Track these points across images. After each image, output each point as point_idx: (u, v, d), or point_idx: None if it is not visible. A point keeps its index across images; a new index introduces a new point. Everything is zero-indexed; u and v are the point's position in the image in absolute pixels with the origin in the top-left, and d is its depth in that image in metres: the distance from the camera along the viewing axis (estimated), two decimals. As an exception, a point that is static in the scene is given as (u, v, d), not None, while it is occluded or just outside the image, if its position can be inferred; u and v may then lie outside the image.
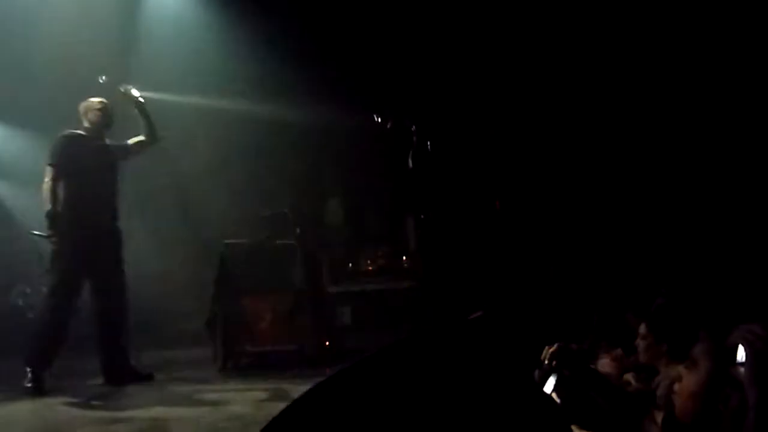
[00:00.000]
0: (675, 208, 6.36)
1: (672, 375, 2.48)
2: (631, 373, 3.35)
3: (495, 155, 7.06)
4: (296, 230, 6.11)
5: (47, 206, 5.07)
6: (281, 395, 4.57)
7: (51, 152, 5.21)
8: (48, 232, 5.09)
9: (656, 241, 6.30)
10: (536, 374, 2.43)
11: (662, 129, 6.47)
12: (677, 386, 1.96)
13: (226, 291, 5.85)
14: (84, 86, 5.50)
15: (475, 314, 1.54)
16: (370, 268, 7.41)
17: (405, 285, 7.13)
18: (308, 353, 5.70)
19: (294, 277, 5.83)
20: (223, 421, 3.97)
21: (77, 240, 5.12)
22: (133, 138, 5.54)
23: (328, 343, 5.98)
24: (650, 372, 3.13)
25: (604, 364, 3.71)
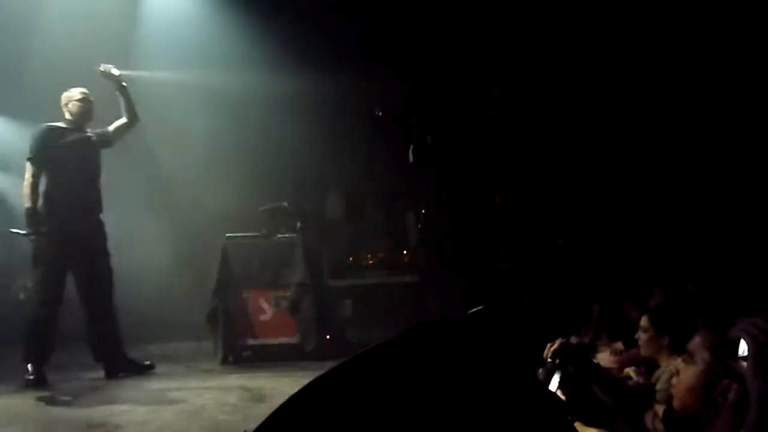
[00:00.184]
0: (676, 202, 6.36)
1: (672, 368, 2.48)
2: (632, 367, 3.36)
3: (496, 149, 7.06)
4: (297, 224, 6.11)
5: (27, 203, 4.99)
6: (282, 389, 4.57)
7: (29, 147, 5.12)
8: (27, 230, 5.00)
9: (657, 235, 6.30)
10: (540, 372, 2.43)
11: (661, 123, 6.46)
12: (675, 380, 1.96)
13: (227, 285, 5.86)
14: (84, 78, 5.43)
15: (476, 309, 1.54)
16: (371, 262, 7.41)
17: (406, 279, 7.14)
18: (309, 347, 5.70)
19: (295, 271, 5.82)
20: (224, 414, 3.98)
21: (59, 234, 5.03)
22: (114, 123, 5.43)
23: (329, 337, 5.99)
24: (651, 365, 3.13)
25: (605, 358, 3.71)
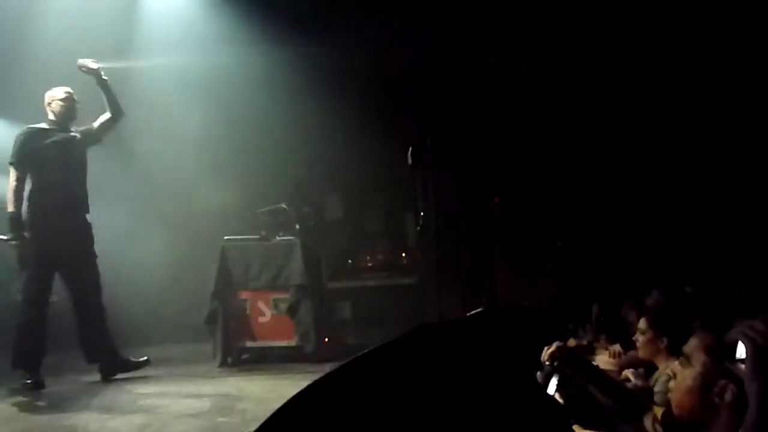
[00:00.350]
0: (674, 204, 6.36)
1: (669, 371, 2.48)
2: (631, 369, 3.36)
3: (495, 150, 7.05)
4: (296, 226, 6.11)
5: (10, 208, 4.91)
6: (280, 391, 4.57)
7: (12, 150, 5.02)
8: (9, 235, 4.92)
9: (655, 237, 6.30)
10: (538, 375, 2.43)
11: (659, 125, 6.47)
12: (673, 383, 1.96)
13: (226, 287, 5.85)
14: (82, 78, 5.37)
15: (475, 311, 1.53)
16: (370, 264, 7.42)
17: (404, 281, 7.14)
18: (308, 349, 5.70)
19: (293, 273, 5.82)
20: (223, 417, 3.98)
21: (45, 237, 4.97)
22: (99, 118, 5.34)
23: (328, 339, 5.99)
24: (650, 367, 3.13)
25: (604, 360, 3.71)
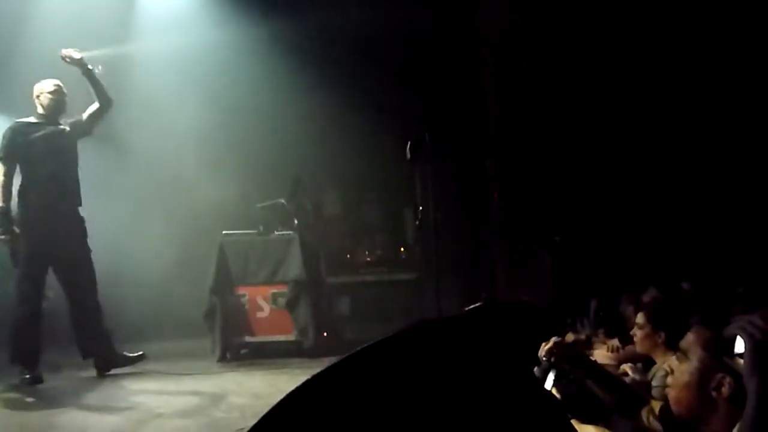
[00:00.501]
0: (672, 199, 6.37)
1: (666, 366, 2.48)
2: (629, 364, 3.37)
3: (494, 146, 7.05)
4: (294, 221, 6.11)
5: None
6: (279, 386, 4.58)
7: (0, 145, 4.97)
8: None
9: (654, 232, 6.31)
10: (536, 371, 2.43)
11: (657, 121, 6.47)
12: (670, 378, 1.96)
13: (225, 282, 5.85)
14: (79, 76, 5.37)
15: (473, 306, 1.53)
16: (368, 259, 7.41)
17: (403, 276, 7.14)
18: (306, 344, 5.70)
19: (292, 268, 5.82)
20: (221, 412, 3.98)
21: (36, 231, 4.92)
22: (87, 109, 5.25)
23: (326, 334, 5.99)
24: (648, 362, 3.14)
25: (602, 355, 3.72)
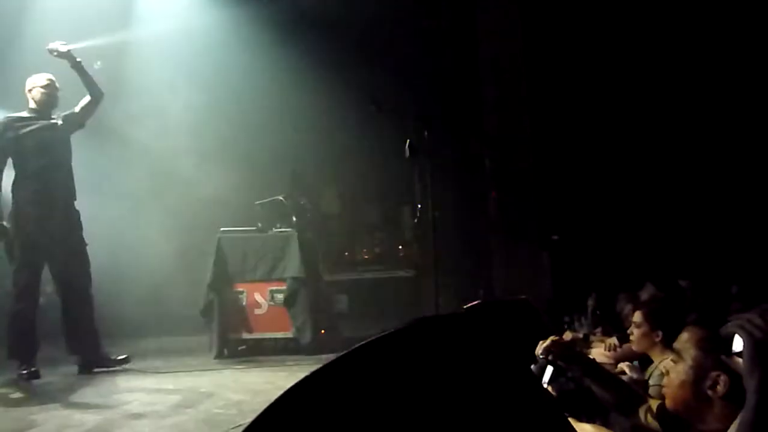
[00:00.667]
0: (670, 198, 6.38)
1: (662, 368, 2.49)
2: (626, 362, 3.37)
3: (492, 144, 7.06)
4: (293, 218, 6.10)
5: None
6: (277, 383, 4.58)
7: None
8: None
9: (651, 231, 6.32)
10: (533, 368, 2.43)
11: (655, 120, 6.48)
12: (666, 379, 1.97)
13: (223, 279, 5.85)
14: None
15: (472, 304, 1.54)
16: (367, 257, 7.43)
17: (401, 273, 7.16)
18: (304, 341, 5.70)
19: (290, 265, 5.82)
20: (219, 409, 3.98)
21: (30, 226, 4.90)
22: (79, 103, 5.22)
23: (324, 331, 5.99)
24: (645, 360, 3.15)
25: (599, 353, 3.73)
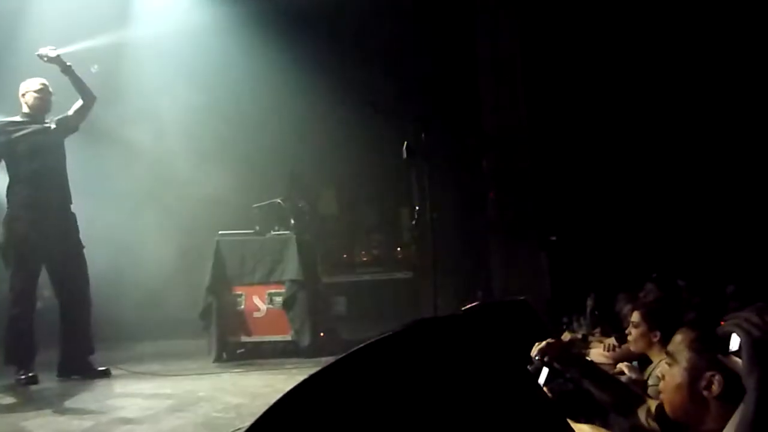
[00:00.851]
0: (668, 198, 6.39)
1: (658, 373, 2.49)
2: (625, 362, 3.37)
3: (490, 145, 7.06)
4: (291, 221, 6.10)
5: None
6: (276, 386, 4.58)
7: None
8: None
9: (649, 231, 6.33)
10: (530, 369, 2.43)
11: (654, 120, 6.49)
12: (662, 384, 1.97)
13: (221, 282, 5.85)
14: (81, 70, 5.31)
15: (470, 305, 1.54)
16: (365, 259, 7.43)
17: (399, 275, 7.16)
18: (303, 343, 5.70)
19: (288, 268, 5.81)
20: (218, 412, 3.97)
21: (26, 230, 4.88)
22: (72, 106, 5.21)
23: (323, 334, 5.99)
24: (644, 360, 3.15)
25: (598, 353, 3.73)
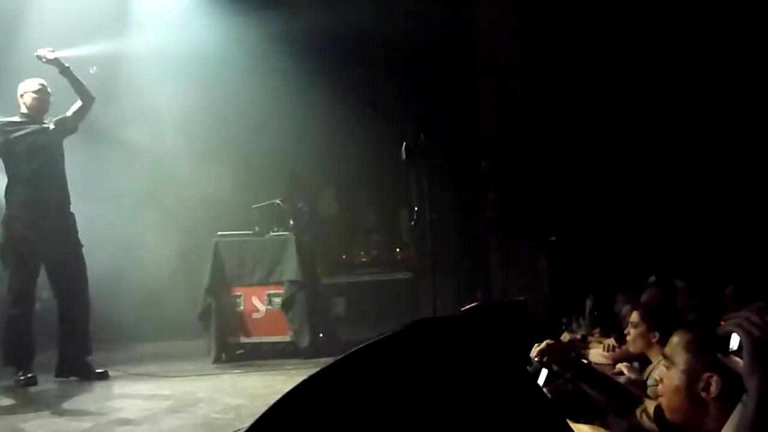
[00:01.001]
0: (667, 199, 6.39)
1: (656, 375, 2.49)
2: (625, 363, 3.37)
3: (489, 146, 7.06)
4: (290, 221, 6.10)
5: None
6: (275, 387, 4.57)
7: None
8: None
9: (649, 231, 6.33)
10: (530, 370, 2.43)
11: (653, 121, 6.50)
12: (660, 387, 1.97)
13: (220, 283, 5.85)
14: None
15: (470, 306, 1.54)
16: (364, 260, 7.43)
17: (398, 276, 7.16)
18: (302, 344, 5.70)
19: (287, 269, 5.81)
20: (217, 413, 3.97)
21: (25, 231, 4.87)
22: (71, 107, 5.19)
23: (322, 334, 5.99)
24: (643, 360, 3.15)
25: (597, 354, 3.73)
